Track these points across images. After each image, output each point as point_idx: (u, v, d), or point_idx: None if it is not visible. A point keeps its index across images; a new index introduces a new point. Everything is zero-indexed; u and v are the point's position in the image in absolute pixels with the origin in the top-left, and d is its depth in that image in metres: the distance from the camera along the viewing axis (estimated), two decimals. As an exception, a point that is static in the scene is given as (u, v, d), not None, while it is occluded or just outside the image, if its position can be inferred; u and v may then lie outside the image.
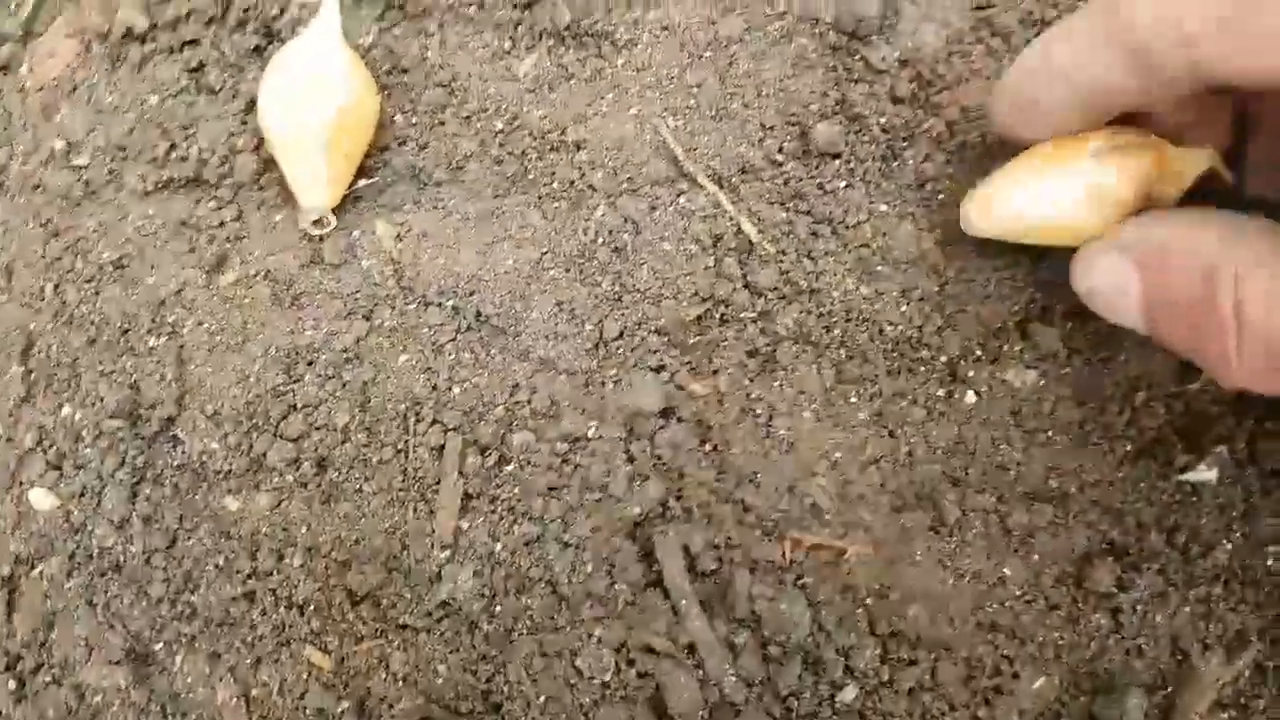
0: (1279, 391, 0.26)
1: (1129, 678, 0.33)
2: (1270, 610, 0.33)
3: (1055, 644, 0.33)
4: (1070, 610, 0.33)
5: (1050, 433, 0.33)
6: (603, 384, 0.35)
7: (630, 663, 0.33)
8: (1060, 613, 0.33)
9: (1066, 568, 0.33)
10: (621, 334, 0.35)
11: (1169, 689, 0.33)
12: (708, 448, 0.34)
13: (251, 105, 0.35)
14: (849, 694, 0.32)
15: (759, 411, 0.34)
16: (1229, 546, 0.34)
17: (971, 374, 0.34)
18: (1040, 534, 0.33)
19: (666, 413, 0.34)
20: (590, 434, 0.34)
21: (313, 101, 0.32)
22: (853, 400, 0.34)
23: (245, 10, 0.36)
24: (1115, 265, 0.28)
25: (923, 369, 0.34)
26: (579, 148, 0.36)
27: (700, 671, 0.32)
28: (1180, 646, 0.33)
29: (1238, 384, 0.26)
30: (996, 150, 0.36)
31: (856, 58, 0.37)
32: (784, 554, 0.33)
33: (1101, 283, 0.29)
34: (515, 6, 0.37)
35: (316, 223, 0.35)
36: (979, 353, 0.34)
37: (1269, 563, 0.34)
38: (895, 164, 0.36)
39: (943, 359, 0.34)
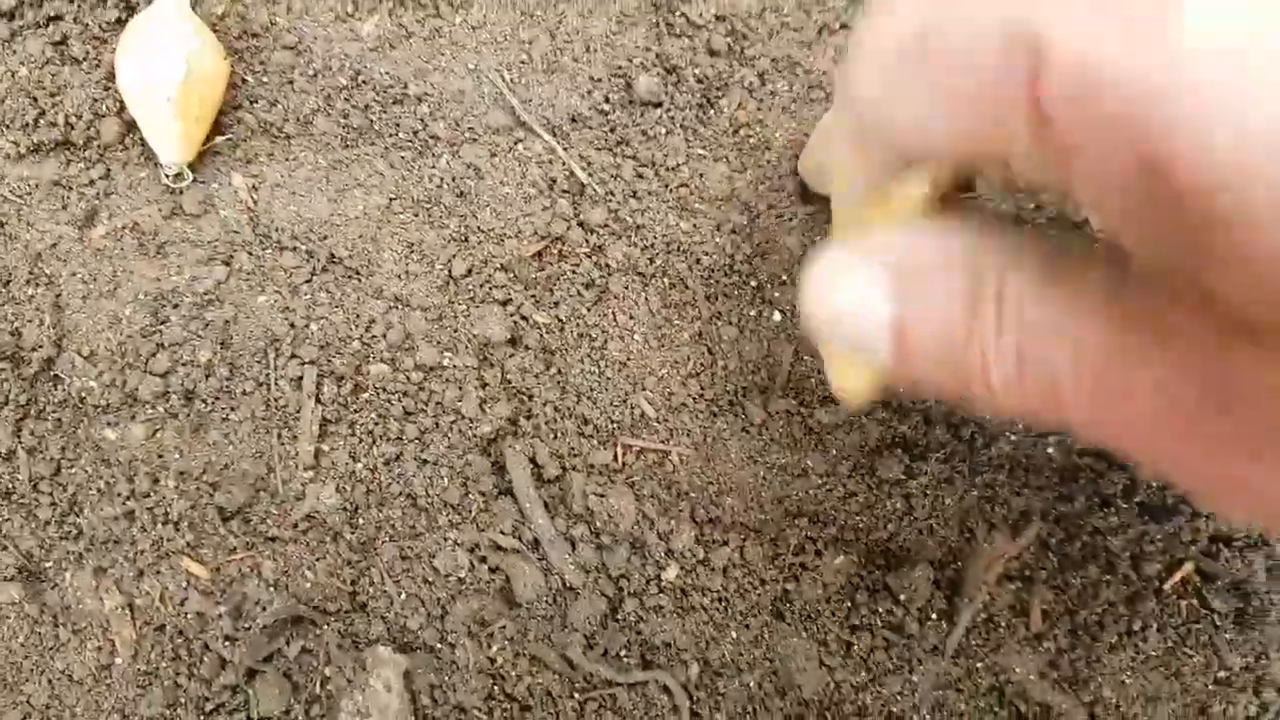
0: (1036, 415, 0.21)
1: (921, 553, 0.38)
2: (1050, 493, 0.38)
3: (854, 526, 0.38)
4: (866, 496, 0.38)
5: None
6: (454, 318, 0.38)
7: (482, 560, 0.37)
8: (857, 498, 0.38)
9: (860, 459, 0.38)
10: (469, 271, 0.38)
11: (958, 563, 0.38)
12: (552, 371, 0.38)
13: (114, 73, 0.38)
14: (671, 573, 0.36)
15: (595, 336, 0.38)
16: (1012, 438, 0.39)
17: (777, 295, 0.38)
18: (837, 431, 0.38)
19: (514, 341, 0.38)
20: (445, 363, 0.38)
21: (162, 67, 0.35)
22: (676, 323, 0.38)
23: (103, -18, 0.38)
24: (863, 274, 0.22)
25: (735, 293, 0.38)
26: (420, 100, 0.39)
27: (543, 563, 0.36)
28: (967, 526, 0.38)
29: (1004, 411, 0.22)
30: (804, 97, 0.41)
31: (677, 14, 0.41)
32: (616, 457, 0.37)
33: (842, 293, 0.23)
34: (357, -29, 0.40)
35: (176, 177, 0.37)
36: (784, 277, 0.38)
37: (1049, 450, 0.39)
38: (711, 112, 0.40)
39: (753, 284, 0.38)
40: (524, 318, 0.38)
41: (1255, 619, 0.37)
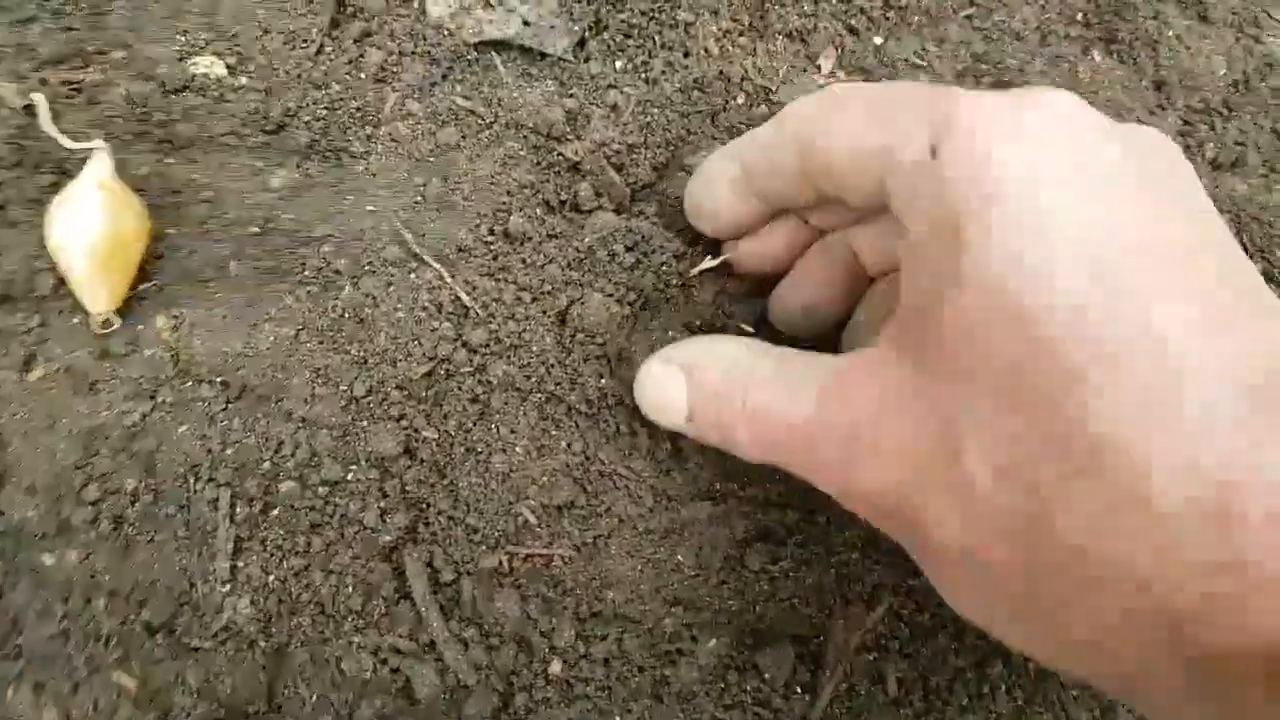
0: (774, 461, 0.34)
1: (785, 632, 0.41)
2: (900, 569, 0.42)
3: (725, 610, 0.41)
4: (735, 583, 0.41)
5: (707, 451, 0.41)
6: (357, 435, 0.42)
7: (384, 662, 0.40)
8: (728, 585, 0.41)
9: (730, 550, 0.41)
10: (369, 391, 0.43)
11: (819, 638, 0.41)
12: (445, 481, 0.42)
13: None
14: (555, 667, 0.40)
15: (480, 450, 0.42)
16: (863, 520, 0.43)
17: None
18: (708, 527, 0.41)
19: (410, 454, 0.42)
20: (349, 477, 0.42)
21: (85, 231, 0.40)
22: (554, 434, 0.42)
23: (41, 154, 0.43)
24: (667, 372, 0.37)
25: (606, 408, 0.42)
26: (325, 241, 0.44)
27: (439, 663, 0.40)
28: (826, 603, 0.41)
29: (752, 457, 0.35)
30: (673, 216, 0.45)
31: (555, 154, 0.46)
32: (502, 563, 0.41)
33: (655, 389, 0.37)
34: (265, 132, 0.44)
35: (104, 323, 0.42)
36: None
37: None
38: (585, 242, 0.44)
39: (627, 402, 0.42)
40: (417, 431, 0.42)
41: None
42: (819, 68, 0.47)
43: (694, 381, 0.36)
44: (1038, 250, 0.26)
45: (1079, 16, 0.48)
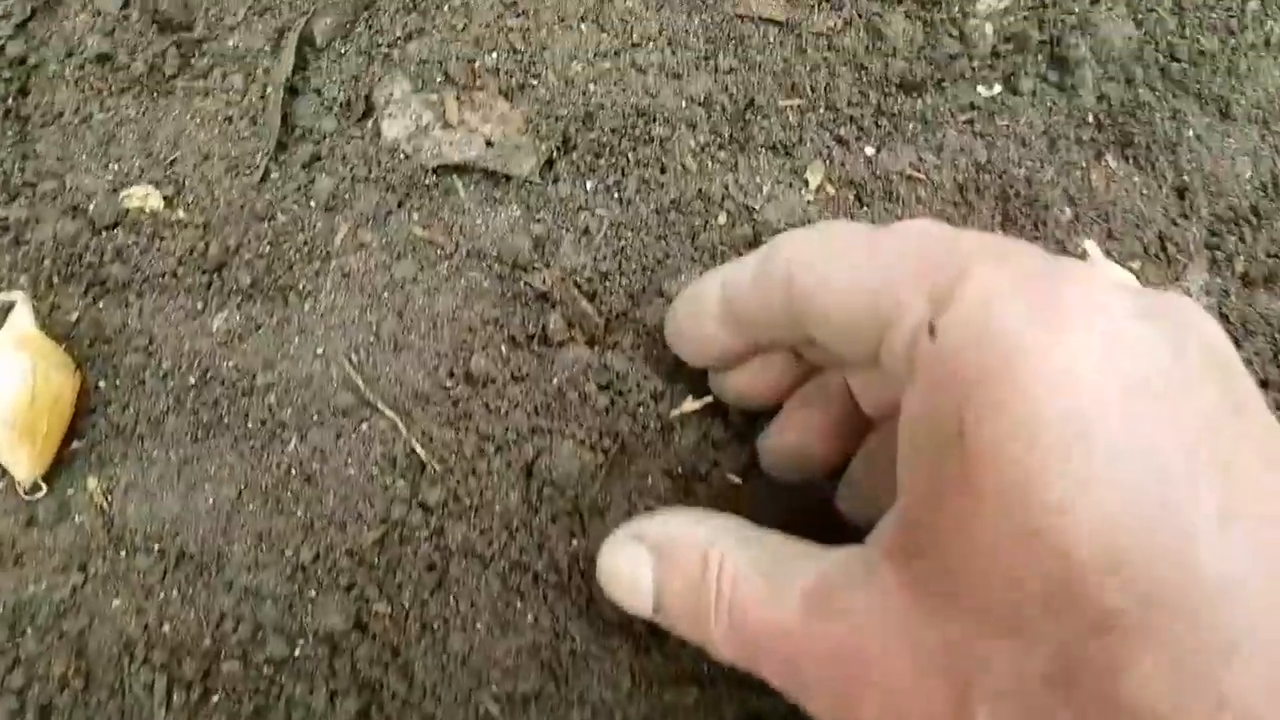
0: (752, 668, 0.29)
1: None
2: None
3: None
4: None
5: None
6: (303, 607, 0.39)
7: None
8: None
9: (714, 733, 0.37)
10: (316, 558, 0.39)
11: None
12: (399, 661, 0.38)
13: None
14: None
15: (436, 626, 0.38)
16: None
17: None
18: (692, 713, 0.37)
19: (361, 628, 0.38)
20: (295, 654, 0.38)
21: (4, 393, 0.37)
22: (518, 607, 0.38)
23: (-40, 307, 0.40)
24: (635, 552, 0.32)
25: (578, 578, 0.38)
26: (269, 389, 0.40)
27: None
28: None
29: (725, 658, 0.30)
30: (651, 348, 0.42)
31: (521, 283, 0.42)
32: (463, 757, 0.37)
33: (620, 571, 0.32)
34: (204, 272, 0.41)
35: (31, 489, 0.39)
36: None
37: None
38: (554, 382, 0.41)
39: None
40: (368, 603, 0.38)
41: None
42: (806, 182, 0.43)
43: (663, 567, 0.32)
44: (1061, 467, 0.22)
45: (1090, 118, 0.44)
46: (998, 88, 0.44)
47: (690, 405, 0.39)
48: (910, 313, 0.26)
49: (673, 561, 0.32)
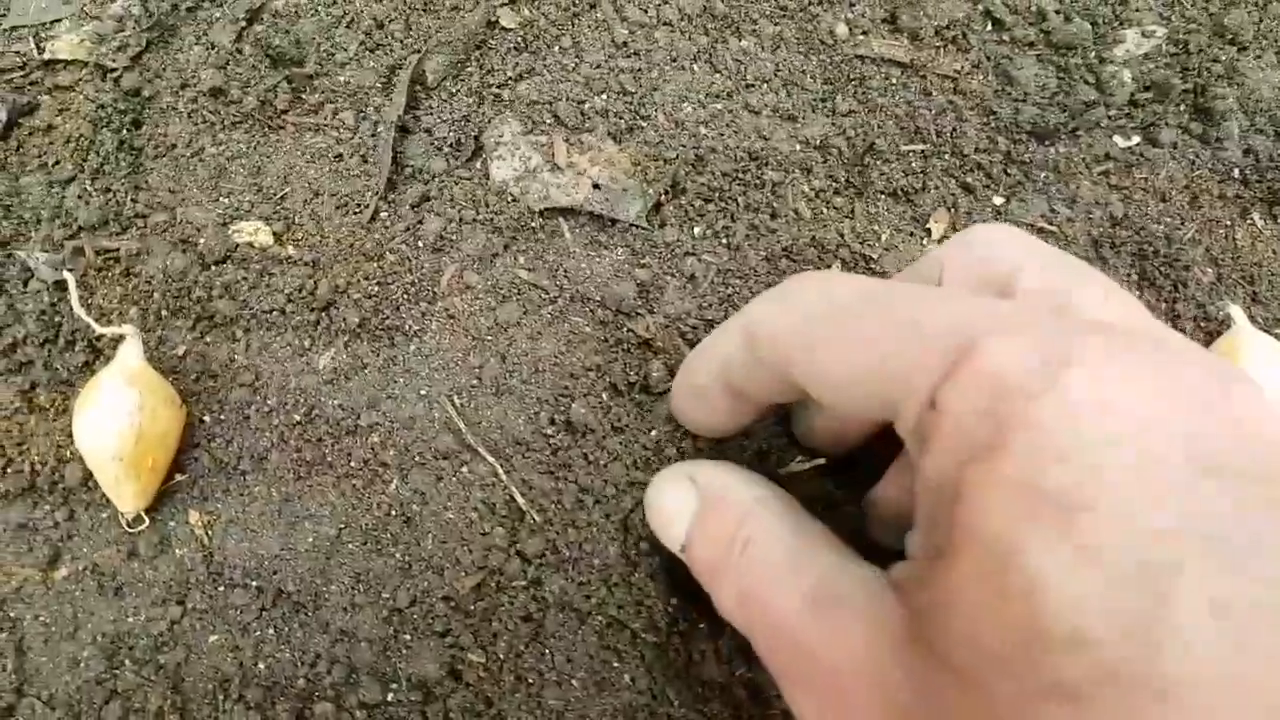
0: (748, 636, 0.30)
1: None
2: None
3: None
4: None
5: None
6: (397, 651, 0.38)
7: None
8: None
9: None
10: (413, 602, 0.38)
11: None
12: (492, 712, 0.37)
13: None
14: None
15: (531, 680, 0.37)
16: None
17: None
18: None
19: (455, 676, 0.38)
20: (388, 699, 0.38)
21: (112, 432, 0.37)
22: (615, 665, 0.37)
23: (73, 332, 0.41)
24: (684, 490, 0.33)
25: (676, 638, 0.37)
26: (372, 429, 0.40)
27: None
28: None
29: (727, 617, 0.31)
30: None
31: (624, 329, 0.41)
32: (555, 815, 0.36)
33: (667, 500, 0.34)
34: (312, 310, 0.41)
35: (134, 520, 0.39)
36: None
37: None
38: (652, 434, 0.39)
39: (700, 624, 0.37)
40: (463, 651, 0.38)
41: None
42: (929, 231, 0.41)
43: (702, 513, 0.33)
44: (1043, 545, 0.21)
45: (1235, 173, 0.41)
46: (1136, 138, 0.41)
47: (802, 464, 0.38)
48: (915, 393, 0.25)
49: (713, 511, 0.33)
